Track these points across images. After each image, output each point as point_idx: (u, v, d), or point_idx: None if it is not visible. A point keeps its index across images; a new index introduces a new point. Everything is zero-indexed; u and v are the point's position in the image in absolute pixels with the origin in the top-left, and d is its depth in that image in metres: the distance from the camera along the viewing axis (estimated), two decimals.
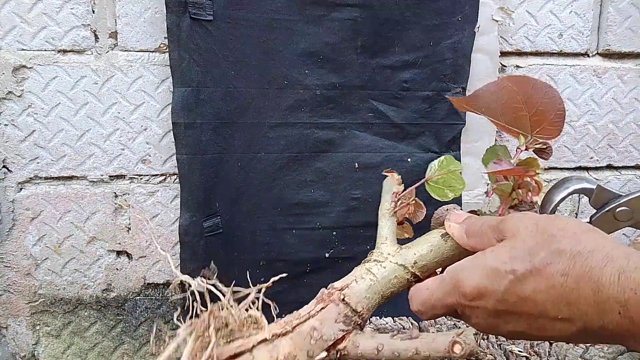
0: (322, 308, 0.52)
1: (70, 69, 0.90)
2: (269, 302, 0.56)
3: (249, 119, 0.92)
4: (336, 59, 0.92)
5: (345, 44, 0.92)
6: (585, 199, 1.10)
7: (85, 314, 0.97)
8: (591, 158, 1.09)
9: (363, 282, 0.53)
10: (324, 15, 0.90)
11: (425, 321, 0.87)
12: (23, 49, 0.88)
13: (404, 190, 0.59)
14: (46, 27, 0.88)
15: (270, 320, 0.56)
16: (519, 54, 1.03)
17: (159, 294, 0.99)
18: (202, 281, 0.56)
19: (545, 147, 0.57)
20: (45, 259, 0.95)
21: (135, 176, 0.95)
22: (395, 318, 0.95)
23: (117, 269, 0.97)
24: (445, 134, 0.98)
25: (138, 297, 0.99)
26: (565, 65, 1.04)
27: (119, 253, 0.97)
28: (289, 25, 0.90)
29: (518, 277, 0.41)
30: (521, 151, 0.56)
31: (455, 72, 0.95)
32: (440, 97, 0.96)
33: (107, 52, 0.91)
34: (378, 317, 0.95)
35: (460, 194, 0.95)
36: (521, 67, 1.02)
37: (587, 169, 1.10)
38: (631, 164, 1.11)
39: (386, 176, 0.62)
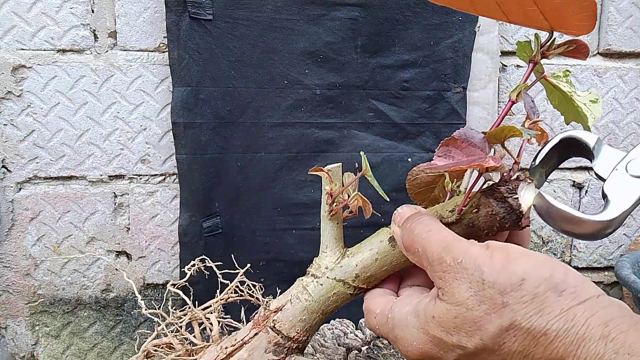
0: (256, 334, 0.48)
1: (69, 68, 0.89)
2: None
3: (248, 119, 0.91)
4: (336, 58, 0.92)
5: (345, 43, 0.91)
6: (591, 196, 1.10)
7: (85, 314, 0.97)
8: None
9: (298, 303, 0.47)
10: (323, 14, 0.90)
11: None
12: (22, 49, 0.88)
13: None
14: (45, 27, 0.88)
15: None
16: None
17: (158, 294, 0.99)
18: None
19: (576, 44, 0.41)
20: (45, 259, 0.94)
21: (135, 176, 0.95)
22: None
23: (116, 269, 0.97)
24: (446, 133, 0.97)
25: (137, 298, 0.98)
26: (566, 64, 1.04)
27: (118, 253, 0.97)
28: (288, 25, 0.89)
29: (467, 353, 0.34)
30: (544, 56, 0.42)
31: (455, 72, 0.95)
32: (441, 97, 0.96)
33: (107, 51, 0.91)
34: None
35: None
36: (521, 66, 1.02)
37: (587, 169, 1.09)
38: None
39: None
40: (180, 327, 0.54)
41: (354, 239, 0.50)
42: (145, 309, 0.56)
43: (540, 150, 0.41)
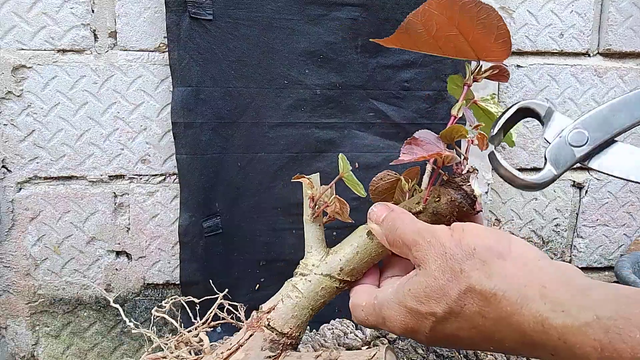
0: (251, 335, 0.51)
1: (69, 68, 0.89)
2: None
3: (248, 119, 0.91)
4: (336, 58, 0.92)
5: (345, 43, 0.91)
6: (587, 198, 1.10)
7: (85, 314, 0.97)
8: None
9: (289, 301, 0.51)
10: (324, 14, 0.90)
11: None
12: (22, 49, 0.88)
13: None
14: (46, 27, 0.88)
15: None
16: (520, 53, 1.02)
17: (158, 295, 0.99)
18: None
19: (498, 69, 0.51)
20: (45, 259, 0.94)
21: (135, 176, 0.95)
22: None
23: (116, 269, 0.97)
24: None
25: (137, 298, 0.99)
26: (566, 65, 1.04)
27: (118, 253, 0.97)
28: (289, 25, 0.89)
29: (439, 319, 0.39)
30: (475, 80, 0.52)
31: (455, 72, 0.95)
32: (441, 97, 0.96)
33: (107, 51, 0.91)
34: None
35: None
36: (522, 66, 1.02)
37: (587, 169, 1.09)
38: None
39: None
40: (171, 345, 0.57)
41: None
42: (136, 328, 0.59)
43: (498, 120, 0.47)
